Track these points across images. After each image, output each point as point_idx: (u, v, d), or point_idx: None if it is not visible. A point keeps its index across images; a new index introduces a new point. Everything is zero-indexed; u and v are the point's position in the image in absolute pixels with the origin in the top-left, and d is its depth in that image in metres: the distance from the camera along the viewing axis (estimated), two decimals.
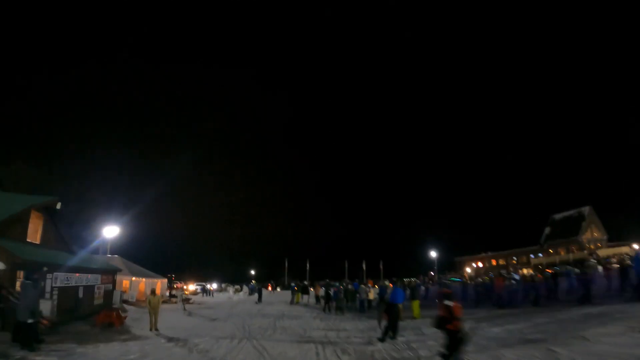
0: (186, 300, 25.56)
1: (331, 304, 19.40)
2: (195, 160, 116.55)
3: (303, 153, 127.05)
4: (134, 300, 24.95)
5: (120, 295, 21.06)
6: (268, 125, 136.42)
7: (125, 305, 19.83)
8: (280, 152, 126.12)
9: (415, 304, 14.67)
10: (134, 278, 27.30)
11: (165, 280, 32.69)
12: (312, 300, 25.67)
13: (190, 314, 19.06)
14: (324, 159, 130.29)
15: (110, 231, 29.98)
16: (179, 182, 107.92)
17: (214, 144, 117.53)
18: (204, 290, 37.94)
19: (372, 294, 19.98)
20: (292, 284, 31.41)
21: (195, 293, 37.59)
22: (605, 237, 54.24)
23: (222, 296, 36.95)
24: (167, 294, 28.41)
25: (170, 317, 17.01)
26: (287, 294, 39.22)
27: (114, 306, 17.08)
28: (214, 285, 44.05)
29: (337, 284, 25.24)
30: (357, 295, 19.58)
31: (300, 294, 26.23)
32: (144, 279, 28.97)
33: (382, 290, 20.58)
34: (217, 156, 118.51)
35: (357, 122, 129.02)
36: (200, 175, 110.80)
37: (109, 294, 18.35)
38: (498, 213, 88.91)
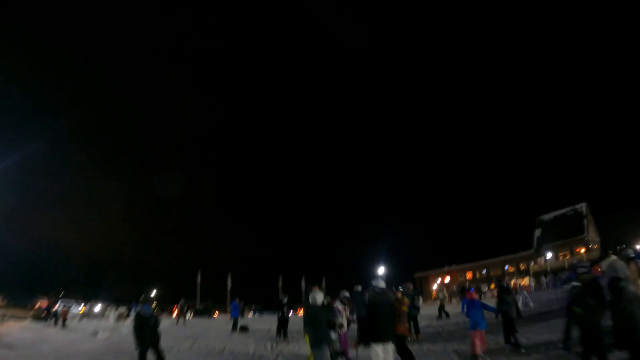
0: None
1: None
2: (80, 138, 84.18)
3: (215, 140, 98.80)
4: None
5: None
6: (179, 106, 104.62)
7: None
8: (189, 142, 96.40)
9: None
10: None
11: None
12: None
13: None
14: (244, 151, 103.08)
15: None
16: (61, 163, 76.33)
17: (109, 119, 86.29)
18: (50, 315, 18.42)
19: None
20: (281, 300, 12.27)
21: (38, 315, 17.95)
22: (598, 239, 46.97)
23: (88, 327, 17.87)
24: None
25: None
26: (218, 325, 19.98)
27: None
28: (77, 307, 23.63)
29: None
30: None
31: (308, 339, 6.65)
32: None
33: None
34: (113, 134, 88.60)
35: (289, 111, 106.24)
36: (92, 164, 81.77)
37: None
38: (459, 220, 76.98)
